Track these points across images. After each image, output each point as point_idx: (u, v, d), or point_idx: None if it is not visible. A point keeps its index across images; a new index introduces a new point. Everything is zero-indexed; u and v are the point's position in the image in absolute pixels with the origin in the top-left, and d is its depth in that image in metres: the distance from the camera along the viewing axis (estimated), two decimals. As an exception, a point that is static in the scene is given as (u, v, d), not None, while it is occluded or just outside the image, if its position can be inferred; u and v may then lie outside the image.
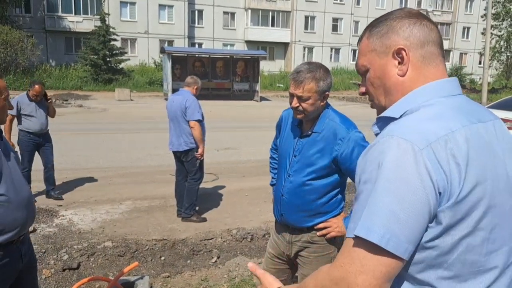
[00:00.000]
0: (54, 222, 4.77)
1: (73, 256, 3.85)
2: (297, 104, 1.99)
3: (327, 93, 2.00)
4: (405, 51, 1.00)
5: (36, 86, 5.26)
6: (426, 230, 0.86)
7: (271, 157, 2.52)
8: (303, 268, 2.18)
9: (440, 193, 0.85)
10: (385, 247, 0.82)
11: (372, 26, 1.08)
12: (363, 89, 1.13)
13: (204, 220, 4.97)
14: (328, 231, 2.10)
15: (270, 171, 2.53)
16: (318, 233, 2.11)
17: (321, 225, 2.11)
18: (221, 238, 4.42)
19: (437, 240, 0.87)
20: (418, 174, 0.84)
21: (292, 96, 2.01)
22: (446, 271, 0.90)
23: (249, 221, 4.97)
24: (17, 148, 5.20)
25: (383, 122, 1.03)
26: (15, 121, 5.32)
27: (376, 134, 1.05)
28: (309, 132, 2.07)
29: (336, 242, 2.17)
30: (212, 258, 3.98)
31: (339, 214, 2.15)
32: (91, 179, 6.50)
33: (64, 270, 3.64)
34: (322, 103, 2.02)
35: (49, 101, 5.49)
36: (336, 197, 2.13)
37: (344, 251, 0.89)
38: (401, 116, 0.98)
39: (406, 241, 0.83)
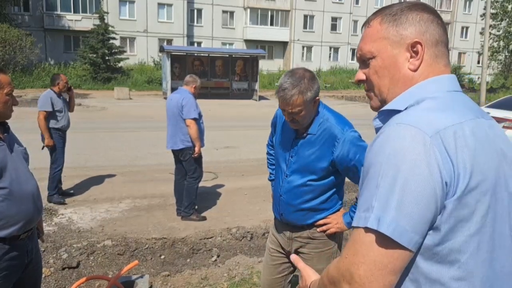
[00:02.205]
0: (54, 221, 4.77)
1: (72, 255, 3.85)
2: (291, 118, 1.99)
3: (317, 98, 2.00)
4: (421, 45, 0.96)
5: (62, 75, 5.42)
6: (434, 222, 0.83)
7: (268, 153, 2.54)
8: None
9: (446, 184, 0.82)
10: (391, 235, 0.79)
11: (386, 12, 1.01)
12: (363, 76, 1.06)
13: (204, 219, 4.97)
14: (328, 227, 2.12)
15: (268, 167, 2.55)
16: (318, 229, 2.13)
17: (321, 222, 2.12)
18: (221, 237, 4.43)
19: (448, 235, 0.85)
20: (426, 162, 0.81)
21: (283, 111, 2.00)
22: (459, 270, 0.87)
23: (249, 220, 4.97)
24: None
25: (385, 116, 1.00)
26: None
27: (378, 129, 1.02)
28: (304, 134, 2.06)
29: (336, 237, 2.19)
30: (212, 257, 3.98)
31: (338, 210, 2.17)
32: (90, 178, 6.49)
33: (63, 269, 3.64)
34: (314, 108, 2.01)
35: (71, 92, 5.62)
36: (334, 195, 2.15)
37: (348, 243, 0.87)
38: (406, 109, 0.95)
39: (412, 231, 0.80)
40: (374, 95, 1.05)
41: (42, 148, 5.38)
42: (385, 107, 1.00)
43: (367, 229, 0.82)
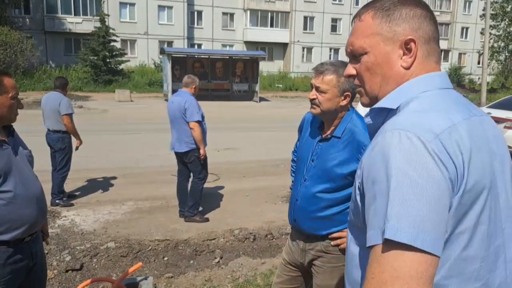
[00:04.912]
0: (57, 223, 4.78)
1: (76, 257, 3.86)
2: (314, 96, 1.92)
3: (347, 93, 1.90)
4: (414, 43, 0.95)
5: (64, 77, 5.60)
6: None
7: (292, 160, 2.46)
8: (317, 278, 2.10)
9: (452, 185, 0.82)
10: (420, 247, 0.75)
11: (379, 6, 0.98)
12: (353, 70, 1.04)
13: (207, 220, 4.98)
14: (343, 241, 1.97)
15: (291, 175, 2.45)
16: (332, 243, 2.01)
17: (335, 235, 1.99)
18: (224, 238, 4.44)
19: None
20: (436, 166, 0.80)
21: (312, 87, 1.95)
22: (449, 269, 0.86)
23: (251, 221, 4.98)
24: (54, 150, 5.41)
25: (375, 113, 1.00)
26: (40, 120, 5.46)
27: (369, 126, 1.03)
28: (329, 136, 1.97)
29: None
30: (215, 258, 3.99)
31: None
32: (92, 180, 6.50)
33: (67, 271, 3.65)
34: (341, 103, 1.92)
35: None
36: None
37: (371, 262, 0.81)
38: (398, 107, 0.94)
39: (438, 237, 0.78)
40: (365, 92, 1.04)
41: (76, 149, 5.58)
42: (376, 105, 0.99)
43: (395, 243, 0.76)
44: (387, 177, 0.80)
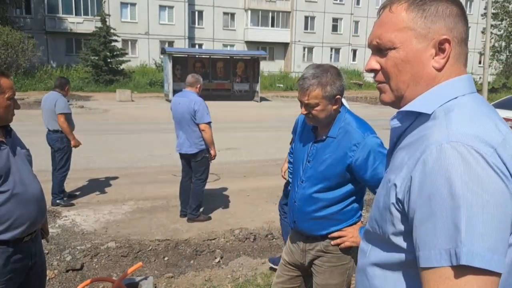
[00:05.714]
0: (57, 223, 4.78)
1: (76, 257, 3.87)
2: (306, 112, 1.92)
3: (338, 97, 1.91)
4: (449, 43, 0.89)
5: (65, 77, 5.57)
6: None
7: (289, 162, 2.45)
8: (316, 277, 2.11)
9: None
10: (494, 269, 0.72)
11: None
12: (376, 65, 0.96)
13: (210, 218, 4.99)
14: (343, 241, 2.00)
15: (288, 177, 2.45)
16: (332, 242, 2.02)
17: (335, 234, 2.01)
18: (224, 238, 4.44)
19: None
20: (502, 181, 0.76)
21: (301, 103, 1.94)
22: None
23: (251, 221, 4.98)
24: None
25: (404, 116, 0.94)
26: (41, 120, 5.46)
27: (394, 128, 0.96)
28: (324, 137, 1.98)
29: (352, 252, 2.04)
30: (215, 258, 3.99)
31: (355, 223, 2.04)
32: (93, 180, 6.51)
33: (67, 271, 3.65)
34: (334, 107, 1.93)
35: None
36: (351, 205, 2.03)
37: (435, 284, 0.76)
38: (433, 112, 0.88)
39: (505, 255, 0.74)
40: (389, 89, 0.96)
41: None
42: (407, 108, 0.92)
43: (467, 267, 0.72)
44: (451, 194, 0.75)
